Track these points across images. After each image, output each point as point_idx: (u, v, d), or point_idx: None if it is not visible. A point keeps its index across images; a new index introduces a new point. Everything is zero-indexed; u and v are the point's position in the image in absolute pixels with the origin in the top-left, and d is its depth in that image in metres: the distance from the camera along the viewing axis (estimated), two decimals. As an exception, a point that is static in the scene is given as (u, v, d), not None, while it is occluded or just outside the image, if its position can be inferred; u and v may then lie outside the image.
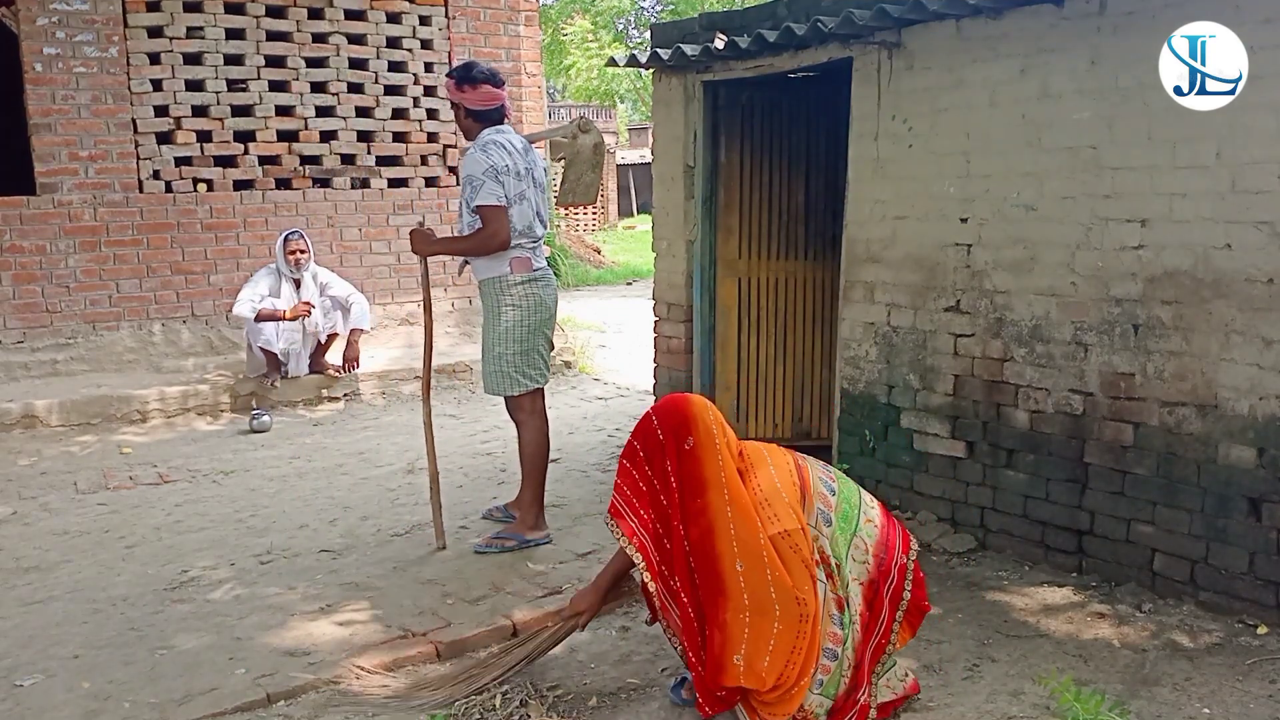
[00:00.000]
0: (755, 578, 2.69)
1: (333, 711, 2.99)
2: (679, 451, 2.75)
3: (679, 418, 2.77)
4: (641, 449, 2.81)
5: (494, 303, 4.13)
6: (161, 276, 7.33)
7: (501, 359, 4.14)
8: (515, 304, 4.11)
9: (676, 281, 5.65)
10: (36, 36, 6.81)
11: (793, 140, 5.55)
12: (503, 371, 4.16)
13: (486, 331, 4.19)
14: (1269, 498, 3.35)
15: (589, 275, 17.20)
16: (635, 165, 31.18)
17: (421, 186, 8.21)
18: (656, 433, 2.79)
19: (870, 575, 2.82)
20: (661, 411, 2.81)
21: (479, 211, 3.98)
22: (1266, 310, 3.32)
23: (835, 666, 2.75)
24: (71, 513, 4.87)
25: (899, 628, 2.87)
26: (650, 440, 2.80)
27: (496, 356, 4.15)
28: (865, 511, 2.89)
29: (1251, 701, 2.95)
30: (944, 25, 4.14)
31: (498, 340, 4.13)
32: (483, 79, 4.03)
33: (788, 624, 2.69)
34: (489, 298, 4.15)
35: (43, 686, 3.11)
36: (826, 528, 2.79)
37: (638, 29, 21.21)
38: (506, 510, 4.52)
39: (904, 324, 4.46)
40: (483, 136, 4.08)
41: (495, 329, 4.13)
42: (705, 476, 2.72)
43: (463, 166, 4.07)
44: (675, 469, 2.75)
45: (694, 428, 2.75)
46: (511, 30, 8.43)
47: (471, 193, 3.98)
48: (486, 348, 4.19)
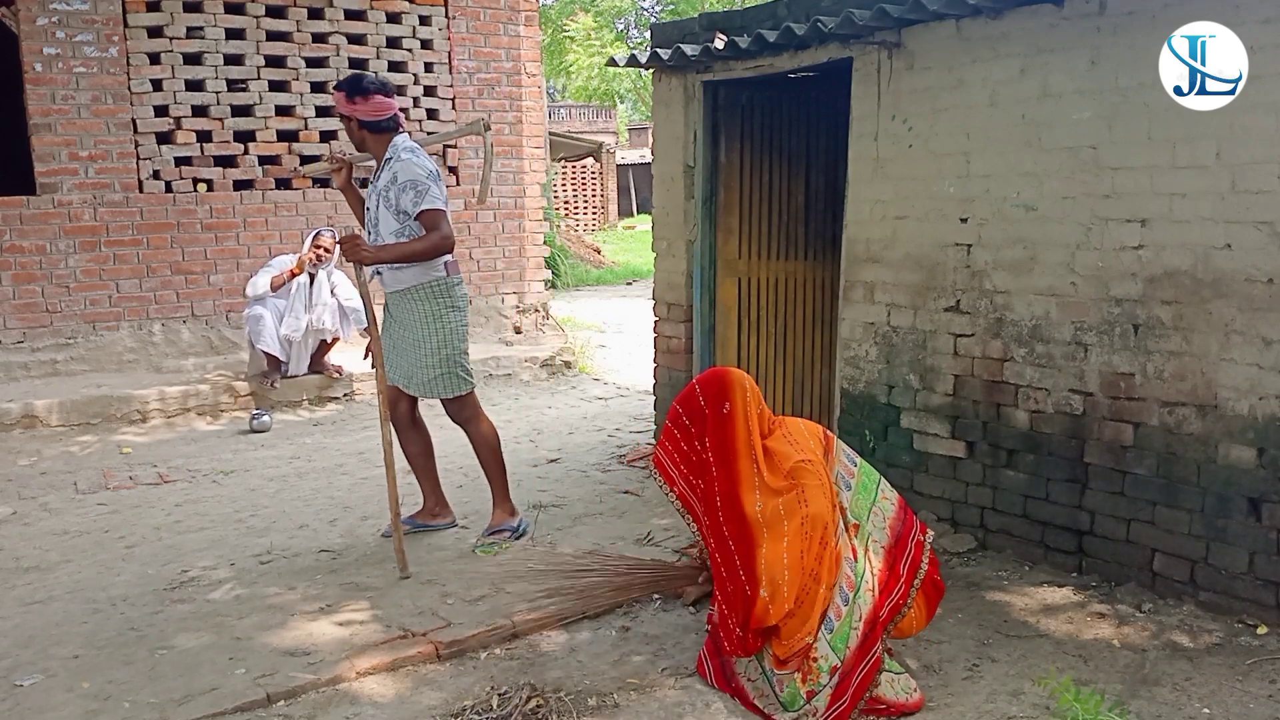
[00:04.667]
0: (769, 508, 3.00)
1: (333, 711, 2.99)
2: (717, 417, 3.08)
3: (719, 385, 3.13)
4: (685, 413, 3.17)
5: (431, 307, 4.11)
6: (161, 276, 7.33)
7: (451, 360, 4.15)
8: (456, 305, 4.15)
9: (676, 281, 5.65)
10: (36, 36, 6.82)
11: (793, 140, 5.55)
12: (453, 373, 4.16)
13: (423, 337, 4.12)
14: (1269, 498, 3.35)
15: (589, 275, 17.22)
16: (635, 165, 31.19)
17: (421, 186, 8.19)
18: (699, 399, 3.14)
19: (888, 543, 3.09)
20: (704, 381, 3.17)
21: (425, 216, 3.97)
22: (1266, 310, 3.32)
23: (847, 612, 2.91)
24: (71, 513, 4.87)
25: (915, 595, 3.06)
26: (693, 405, 3.15)
27: (445, 359, 4.14)
28: (884, 490, 3.21)
29: (1251, 701, 2.95)
30: (944, 25, 4.14)
31: (444, 343, 4.13)
32: (374, 90, 4.05)
33: (794, 528, 2.95)
34: (423, 303, 4.11)
35: (43, 686, 3.11)
36: (846, 491, 3.13)
37: (638, 29, 21.22)
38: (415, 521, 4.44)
39: (904, 324, 4.46)
40: (401, 143, 4.09)
41: (438, 332, 4.11)
42: (737, 436, 3.07)
43: (399, 173, 4.00)
44: (712, 430, 3.09)
45: (731, 395, 3.10)
46: (511, 30, 8.43)
47: (415, 197, 3.96)
48: (429, 352, 4.12)
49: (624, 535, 4.39)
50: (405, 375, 4.19)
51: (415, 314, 4.13)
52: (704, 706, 2.99)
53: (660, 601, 3.71)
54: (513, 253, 8.69)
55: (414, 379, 4.18)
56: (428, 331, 4.12)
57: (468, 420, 4.31)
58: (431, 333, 4.12)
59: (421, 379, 4.17)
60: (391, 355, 4.22)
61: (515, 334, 8.68)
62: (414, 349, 4.14)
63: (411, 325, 4.14)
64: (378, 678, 3.18)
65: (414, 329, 4.13)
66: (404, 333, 4.16)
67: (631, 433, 6.29)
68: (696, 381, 3.20)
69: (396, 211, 4.01)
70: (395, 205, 4.02)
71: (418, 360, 4.14)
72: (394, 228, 4.03)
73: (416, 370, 4.16)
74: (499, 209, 8.56)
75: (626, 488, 5.12)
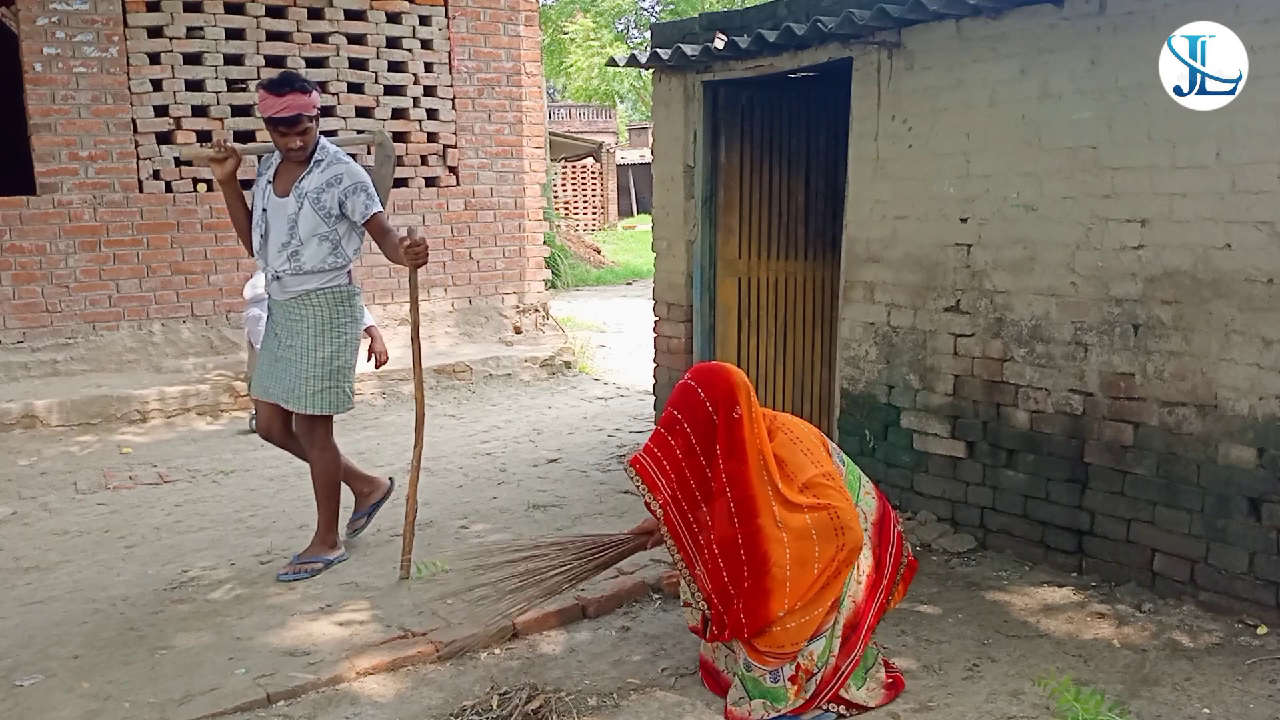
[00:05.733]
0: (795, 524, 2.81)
1: (333, 711, 2.99)
2: (728, 420, 2.82)
3: (725, 387, 2.85)
4: (685, 419, 2.86)
5: (330, 315, 3.90)
6: (161, 276, 7.33)
7: (339, 373, 3.93)
8: (354, 316, 3.98)
9: (676, 281, 5.65)
10: (36, 36, 6.82)
11: (793, 140, 5.55)
12: (339, 387, 3.94)
13: (314, 345, 3.88)
14: (1269, 498, 3.35)
15: (589, 275, 17.22)
16: (635, 165, 31.19)
17: (421, 186, 8.21)
18: (705, 405, 2.84)
19: (874, 544, 3.00)
20: (706, 383, 2.87)
21: (375, 220, 3.86)
22: (1266, 310, 3.32)
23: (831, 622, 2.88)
24: (71, 513, 4.87)
25: (898, 587, 3.08)
26: (698, 412, 2.85)
27: (333, 371, 3.91)
28: (865, 485, 3.10)
29: (1251, 701, 2.95)
30: (944, 25, 4.14)
31: (336, 354, 3.91)
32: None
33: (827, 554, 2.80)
34: (322, 309, 3.89)
35: (43, 686, 3.11)
36: None
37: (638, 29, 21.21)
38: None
39: (904, 324, 4.46)
40: (333, 145, 3.94)
41: (333, 341, 3.91)
42: (745, 443, 2.83)
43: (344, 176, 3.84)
44: (723, 438, 2.82)
45: (739, 396, 2.84)
46: (511, 30, 8.43)
47: (367, 200, 3.85)
48: (318, 362, 3.88)
49: (624, 535, 4.38)
50: (286, 388, 3.90)
51: (311, 321, 3.89)
52: (704, 706, 2.99)
53: (660, 601, 3.71)
54: (513, 253, 8.69)
55: (295, 391, 3.88)
56: (321, 340, 3.89)
57: (313, 444, 4.00)
58: (326, 341, 3.89)
59: (304, 391, 3.88)
60: (271, 369, 3.95)
61: (515, 334, 8.68)
62: (301, 358, 3.88)
63: (303, 333, 3.89)
64: (378, 678, 3.18)
65: (305, 336, 3.88)
66: (292, 341, 3.90)
67: (631, 433, 6.29)
68: (696, 382, 2.89)
69: (327, 214, 3.82)
70: (329, 208, 3.82)
71: (303, 370, 3.88)
72: (320, 230, 3.83)
73: (299, 381, 3.88)
74: (499, 209, 8.56)
75: (626, 488, 5.11)
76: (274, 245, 3.88)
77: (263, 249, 3.91)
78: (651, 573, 3.89)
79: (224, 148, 3.84)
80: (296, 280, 3.88)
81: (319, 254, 3.85)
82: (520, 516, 4.68)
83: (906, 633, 3.44)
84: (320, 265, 3.86)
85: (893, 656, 3.24)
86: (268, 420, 4.06)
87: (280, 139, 3.80)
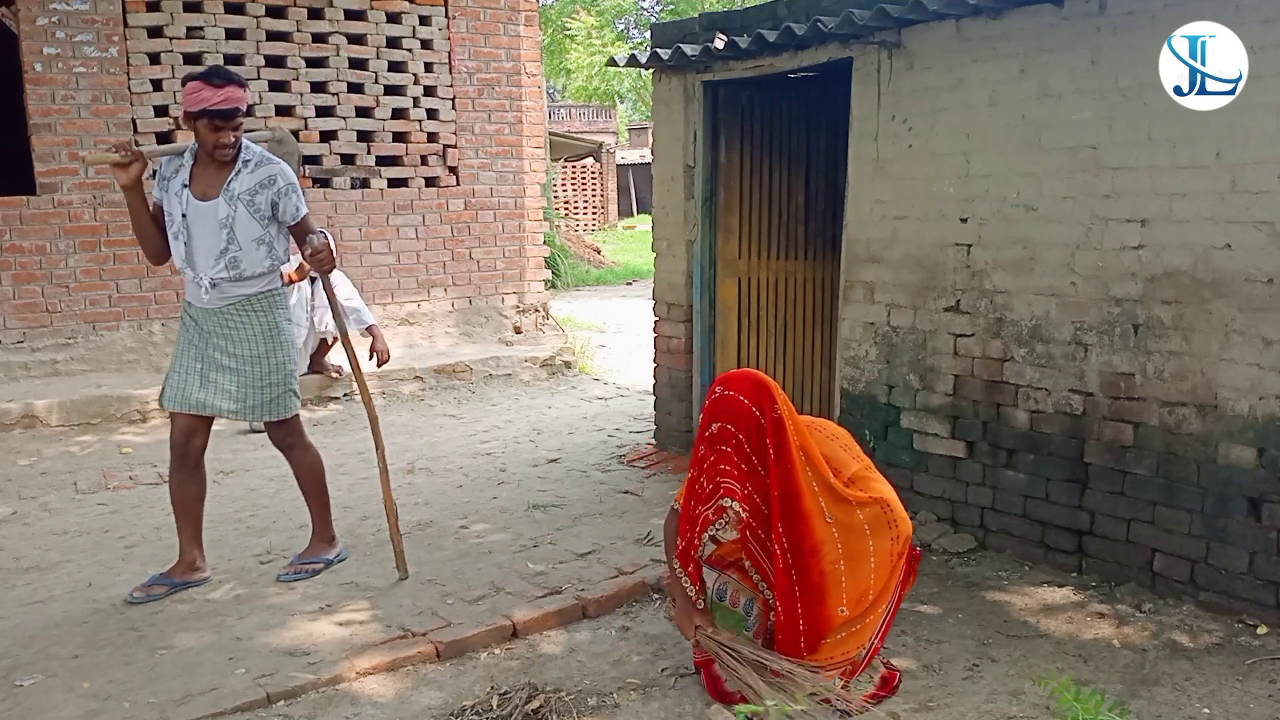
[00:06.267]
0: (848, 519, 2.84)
1: (333, 711, 2.99)
2: (773, 421, 2.83)
3: (764, 391, 2.86)
4: (737, 429, 2.84)
5: (270, 319, 3.79)
6: (161, 276, 7.32)
7: (290, 377, 3.84)
8: (289, 316, 3.91)
9: (676, 281, 5.65)
10: (36, 36, 6.81)
11: (793, 140, 5.55)
12: (290, 389, 3.85)
13: (265, 352, 3.78)
14: (1269, 498, 3.35)
15: (589, 275, 17.22)
16: (635, 165, 31.19)
17: (421, 186, 8.20)
18: (752, 410, 2.83)
19: None
20: (746, 390, 2.86)
21: (304, 223, 3.78)
22: (1266, 310, 3.32)
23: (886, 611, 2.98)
24: (71, 513, 4.87)
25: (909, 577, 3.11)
26: (746, 418, 2.83)
27: (288, 375, 3.84)
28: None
29: (1251, 701, 2.95)
30: (944, 25, 4.14)
31: (287, 358, 3.83)
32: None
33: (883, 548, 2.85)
34: (263, 314, 3.78)
35: (43, 686, 3.11)
36: None
37: (638, 29, 21.22)
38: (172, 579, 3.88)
39: (904, 324, 4.46)
40: (256, 144, 3.80)
41: (281, 346, 3.82)
42: (789, 441, 2.84)
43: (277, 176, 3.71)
44: (772, 439, 2.83)
45: (777, 397, 2.86)
46: (511, 30, 8.43)
47: (298, 202, 3.76)
48: (271, 368, 3.79)
49: (624, 535, 4.39)
50: (235, 399, 3.77)
51: (254, 327, 3.77)
52: (704, 706, 2.98)
53: (660, 601, 3.71)
54: (513, 253, 8.69)
55: (249, 400, 3.78)
56: (271, 345, 3.79)
57: (294, 446, 3.96)
58: (275, 346, 3.80)
59: (260, 399, 3.79)
60: (212, 378, 3.77)
61: (515, 334, 8.68)
62: (251, 366, 3.77)
63: (248, 340, 3.76)
64: (378, 678, 3.18)
65: (252, 344, 3.77)
66: (238, 350, 3.76)
67: (631, 433, 6.29)
68: (734, 390, 2.86)
69: (262, 217, 3.70)
70: (264, 210, 3.70)
71: (256, 378, 3.77)
72: (256, 234, 3.70)
73: (253, 390, 3.77)
74: (499, 209, 8.56)
75: (626, 488, 5.12)
76: (205, 252, 3.67)
77: (189, 257, 3.69)
78: (651, 573, 3.89)
79: (129, 151, 3.62)
80: (237, 286, 3.73)
81: (258, 258, 3.73)
82: (520, 516, 4.68)
83: (906, 633, 3.44)
84: (260, 269, 3.74)
85: (892, 656, 3.24)
86: (189, 434, 3.84)
87: (213, 134, 3.58)
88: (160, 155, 3.85)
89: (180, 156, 3.75)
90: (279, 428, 3.92)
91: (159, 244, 3.79)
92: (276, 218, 3.75)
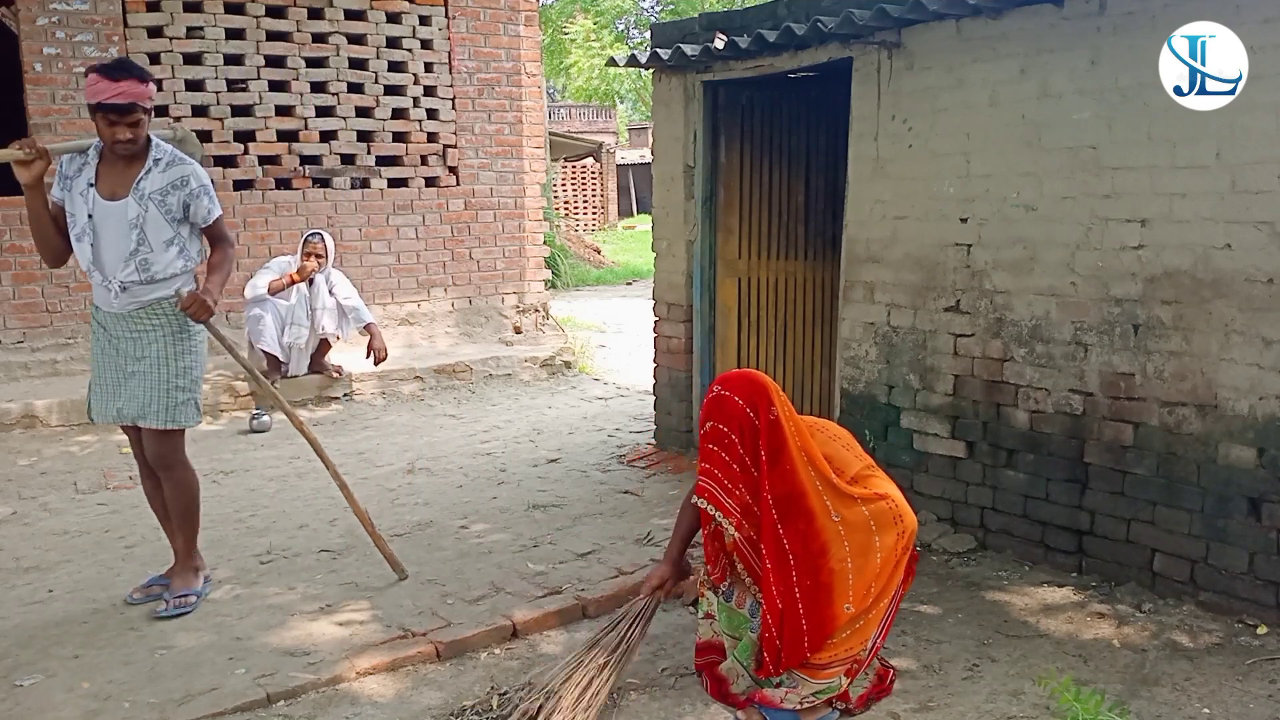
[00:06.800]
0: (852, 516, 2.84)
1: (333, 711, 2.99)
2: (768, 423, 2.84)
3: (760, 392, 2.86)
4: (730, 429, 2.87)
5: (179, 321, 3.60)
6: (161, 276, 7.32)
7: (196, 383, 3.67)
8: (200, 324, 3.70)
9: (676, 281, 5.65)
10: (36, 36, 6.82)
11: (793, 140, 5.55)
12: (195, 398, 3.67)
13: (172, 355, 3.59)
14: (1269, 498, 3.35)
15: (589, 275, 17.23)
16: (635, 165, 31.20)
17: (421, 186, 8.21)
18: (746, 411, 2.85)
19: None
20: (742, 390, 2.88)
21: (218, 224, 3.65)
22: (1266, 310, 3.32)
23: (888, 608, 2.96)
24: (71, 513, 4.87)
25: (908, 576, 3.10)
26: (741, 418, 2.86)
27: (194, 381, 3.66)
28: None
29: (1251, 701, 2.95)
30: (944, 25, 4.14)
31: (194, 362, 3.67)
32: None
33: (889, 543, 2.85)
34: (171, 316, 3.59)
35: (43, 686, 3.11)
36: None
37: (638, 29, 21.21)
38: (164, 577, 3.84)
39: (904, 324, 4.46)
40: (166, 143, 3.64)
41: (190, 350, 3.65)
42: (787, 441, 2.84)
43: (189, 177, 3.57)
44: (765, 439, 2.83)
45: (774, 398, 2.86)
46: (511, 30, 8.43)
47: (210, 203, 3.61)
48: (178, 372, 3.60)
49: (624, 535, 4.39)
50: (141, 405, 3.58)
51: (164, 330, 3.60)
52: (704, 706, 2.99)
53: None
54: (513, 253, 8.69)
55: (151, 406, 3.58)
56: (179, 349, 3.61)
57: (175, 464, 3.70)
58: (183, 350, 3.62)
59: (164, 404, 3.58)
60: (119, 386, 3.60)
61: (515, 334, 8.68)
62: (156, 369, 3.58)
63: (155, 343, 3.58)
64: (378, 678, 3.18)
65: (159, 346, 3.59)
66: (143, 354, 3.58)
67: (631, 433, 6.29)
68: (730, 390, 2.89)
69: (174, 218, 3.54)
70: (176, 211, 3.54)
71: (161, 382, 3.58)
72: (168, 236, 3.53)
73: (156, 395, 3.57)
74: (499, 209, 8.56)
75: (626, 488, 5.12)
76: (113, 254, 3.50)
77: (96, 260, 3.51)
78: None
79: (33, 148, 3.43)
80: (147, 289, 3.55)
81: (169, 260, 3.56)
82: (520, 516, 4.68)
83: (906, 633, 3.44)
84: (172, 271, 3.57)
85: (893, 656, 3.24)
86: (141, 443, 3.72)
87: (108, 129, 3.40)
88: (63, 152, 3.63)
89: (84, 154, 3.57)
90: (166, 439, 3.65)
91: (59, 246, 3.62)
92: (189, 219, 3.60)
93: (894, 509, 2.88)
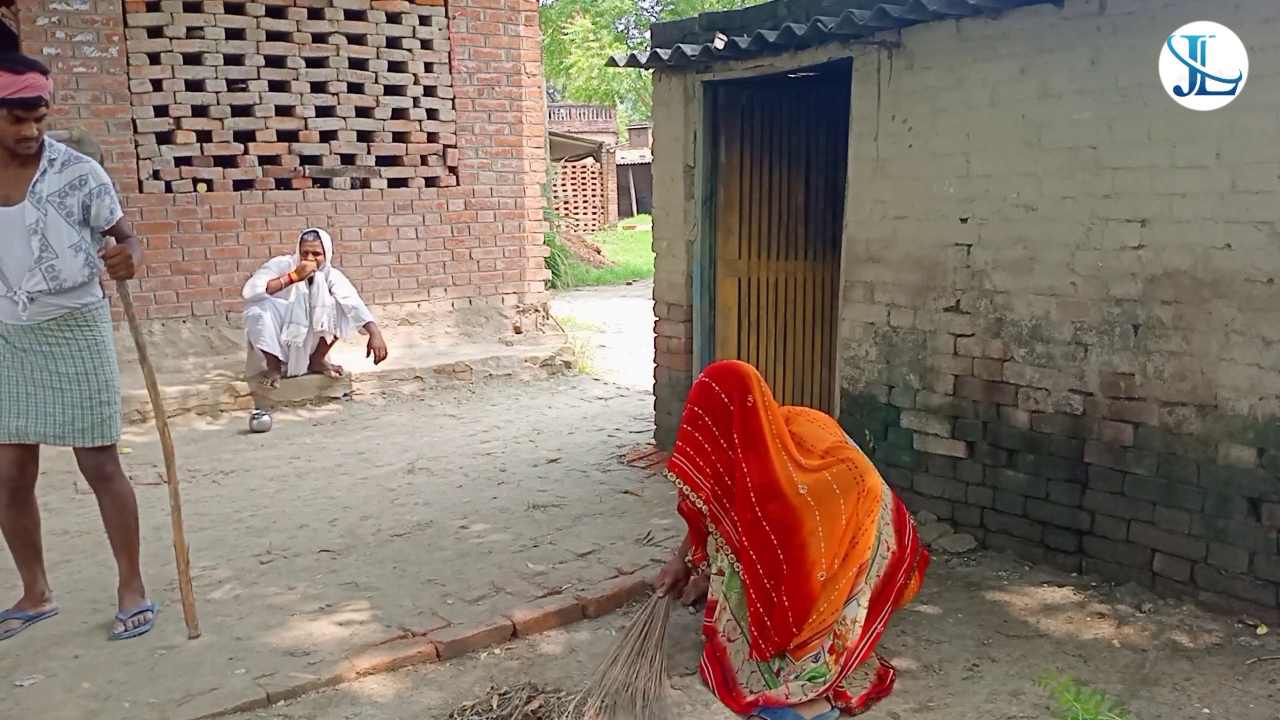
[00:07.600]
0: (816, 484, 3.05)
1: (333, 711, 2.99)
2: (743, 410, 3.09)
3: (739, 381, 3.12)
4: (705, 413, 3.14)
5: (95, 334, 3.44)
6: (161, 276, 7.32)
7: (117, 396, 3.50)
8: (110, 331, 3.54)
9: (676, 281, 5.65)
10: (36, 36, 6.81)
11: (793, 140, 5.55)
12: (117, 410, 3.51)
13: (90, 370, 3.42)
14: (1269, 498, 3.35)
15: (589, 275, 17.23)
16: (635, 165, 31.19)
17: (421, 186, 8.20)
18: (721, 396, 3.12)
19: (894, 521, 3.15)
20: (721, 378, 3.15)
21: (121, 224, 3.43)
22: (1266, 310, 3.32)
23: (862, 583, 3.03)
24: (71, 513, 4.87)
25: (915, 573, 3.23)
26: (715, 404, 3.12)
27: (114, 394, 3.49)
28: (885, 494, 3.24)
29: (1251, 701, 2.95)
30: (944, 25, 4.14)
31: (113, 375, 3.49)
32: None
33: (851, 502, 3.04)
34: (86, 328, 3.42)
35: (43, 686, 3.11)
36: None
37: (638, 29, 21.22)
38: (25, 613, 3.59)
39: (904, 324, 4.46)
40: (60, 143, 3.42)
41: (107, 363, 3.47)
42: (762, 428, 3.08)
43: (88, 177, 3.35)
44: (739, 425, 3.08)
45: (751, 387, 3.11)
46: (511, 30, 8.43)
47: (112, 204, 3.40)
48: (98, 387, 3.43)
49: (624, 535, 4.39)
50: (59, 424, 3.40)
51: (79, 342, 3.40)
52: (704, 706, 2.99)
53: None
54: (513, 253, 8.69)
55: (76, 422, 3.41)
56: (97, 363, 3.43)
57: (111, 476, 3.55)
58: (101, 364, 3.44)
59: (92, 421, 3.43)
60: (27, 405, 3.38)
61: (515, 334, 8.68)
62: (75, 385, 3.40)
63: (71, 357, 3.39)
64: (378, 678, 3.18)
65: (74, 361, 3.39)
66: (59, 369, 3.38)
67: (631, 433, 6.29)
68: (711, 378, 3.17)
69: (75, 221, 3.33)
70: (76, 213, 3.33)
71: (82, 398, 3.41)
72: (72, 240, 3.31)
73: (80, 410, 3.40)
74: (499, 209, 8.56)
75: (626, 488, 5.12)
76: (16, 264, 3.27)
77: None
78: (651, 573, 3.88)
79: None
80: (58, 299, 3.35)
81: (76, 266, 3.33)
82: (520, 516, 4.68)
83: (906, 633, 3.44)
84: (80, 279, 3.36)
85: (893, 656, 3.24)
86: (20, 465, 3.47)
87: (14, 127, 3.16)
88: None
89: None
90: (98, 454, 3.50)
91: None
92: (89, 222, 3.38)
93: (854, 471, 3.07)
